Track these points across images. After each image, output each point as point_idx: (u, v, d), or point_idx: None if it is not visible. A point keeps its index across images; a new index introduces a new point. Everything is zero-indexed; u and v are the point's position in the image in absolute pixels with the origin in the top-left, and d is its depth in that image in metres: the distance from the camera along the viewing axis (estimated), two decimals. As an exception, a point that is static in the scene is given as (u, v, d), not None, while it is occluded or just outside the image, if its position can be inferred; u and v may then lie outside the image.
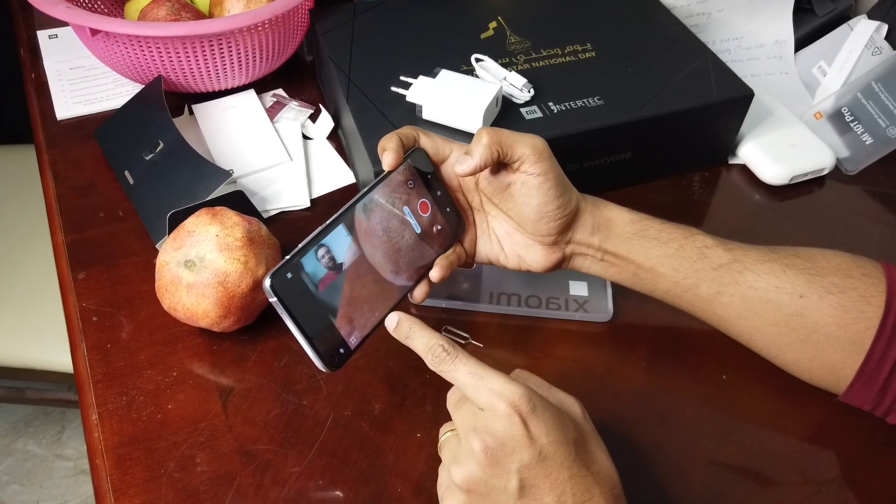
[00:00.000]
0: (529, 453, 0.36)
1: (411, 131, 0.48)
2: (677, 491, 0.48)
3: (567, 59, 0.67)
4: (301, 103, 0.74)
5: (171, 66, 0.67)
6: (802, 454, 0.50)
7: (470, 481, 0.37)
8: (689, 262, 0.49)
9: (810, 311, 0.47)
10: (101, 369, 0.52)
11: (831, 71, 0.77)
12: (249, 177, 0.66)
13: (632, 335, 0.56)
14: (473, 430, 0.37)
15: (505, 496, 0.37)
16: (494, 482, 0.37)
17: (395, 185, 0.46)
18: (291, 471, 0.47)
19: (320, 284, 0.42)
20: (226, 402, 0.51)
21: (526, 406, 0.37)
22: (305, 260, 0.42)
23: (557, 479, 0.36)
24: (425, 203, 0.48)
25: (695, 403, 0.53)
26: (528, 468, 0.36)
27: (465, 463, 0.37)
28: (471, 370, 0.39)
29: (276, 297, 0.40)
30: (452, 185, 0.50)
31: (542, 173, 0.46)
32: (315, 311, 0.42)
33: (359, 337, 0.44)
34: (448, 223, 0.49)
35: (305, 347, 0.41)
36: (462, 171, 0.46)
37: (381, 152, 0.46)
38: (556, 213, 0.47)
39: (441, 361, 0.40)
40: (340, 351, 0.43)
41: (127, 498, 0.46)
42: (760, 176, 0.69)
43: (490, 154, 0.45)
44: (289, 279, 0.41)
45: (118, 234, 0.61)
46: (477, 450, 0.37)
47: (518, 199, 0.48)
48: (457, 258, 0.49)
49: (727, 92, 0.65)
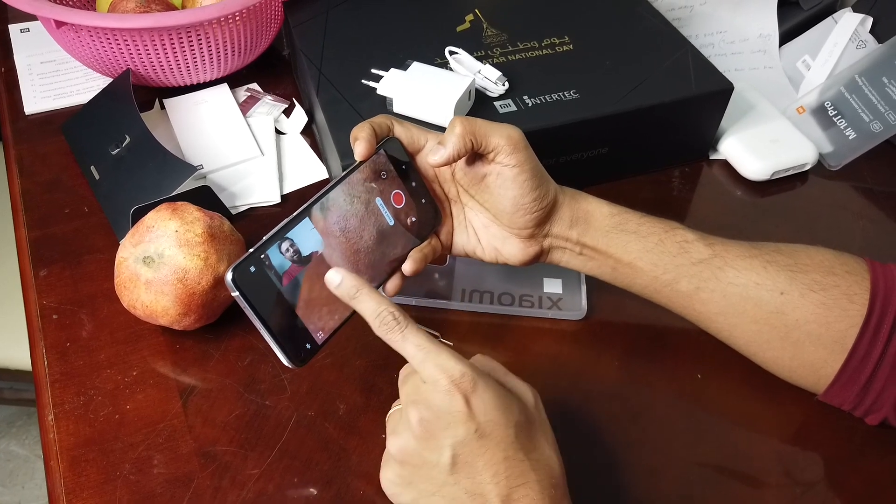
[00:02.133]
0: (465, 429, 0.36)
1: (385, 120, 0.47)
2: (647, 492, 0.47)
3: (544, 52, 0.66)
4: (275, 98, 0.72)
5: (140, 59, 0.66)
6: (779, 455, 0.49)
7: (404, 452, 0.37)
8: (669, 256, 0.48)
9: (791, 309, 0.46)
10: (59, 368, 0.51)
11: (815, 65, 0.76)
12: (219, 172, 0.65)
13: (606, 333, 0.55)
14: (413, 402, 0.37)
15: (437, 470, 0.36)
16: (427, 455, 0.37)
17: (367, 175, 0.45)
18: (251, 473, 0.46)
19: (285, 278, 0.41)
20: (186, 403, 0.49)
21: (468, 383, 0.36)
22: (270, 253, 0.40)
23: (492, 458, 0.36)
24: (399, 194, 0.47)
25: (669, 403, 0.51)
26: (462, 444, 0.36)
27: (401, 434, 0.38)
28: (419, 343, 0.38)
29: (238, 290, 0.39)
30: (428, 175, 0.49)
31: (518, 164, 0.45)
32: (280, 305, 0.40)
33: (326, 332, 0.42)
34: (423, 215, 0.48)
35: (270, 342, 0.40)
36: (434, 161, 0.45)
37: (353, 141, 0.45)
38: (533, 206, 0.46)
39: (389, 330, 0.39)
40: (307, 346, 0.41)
41: (80, 500, 0.44)
42: (741, 171, 0.68)
43: (463, 144, 0.44)
44: (252, 273, 0.40)
45: (82, 230, 0.60)
46: (413, 421, 0.37)
47: (493, 190, 0.47)
48: (431, 251, 0.48)
49: (707, 85, 0.64)
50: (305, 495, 0.45)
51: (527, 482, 0.36)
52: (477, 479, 0.36)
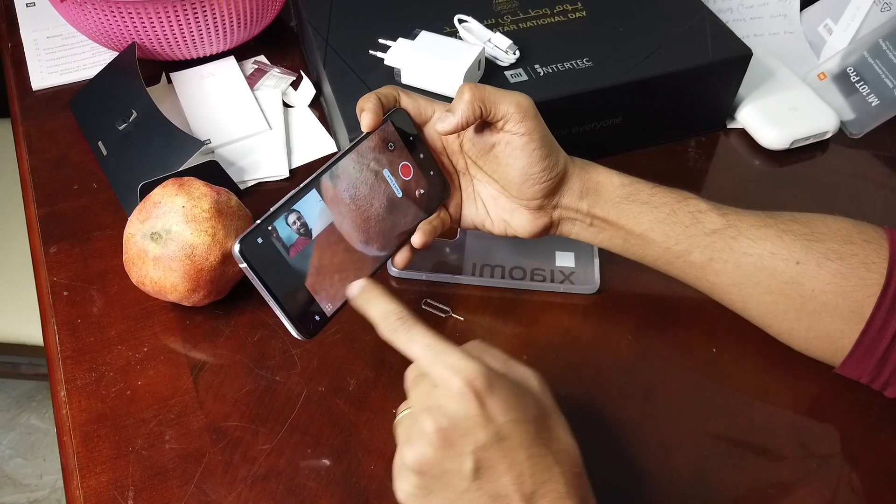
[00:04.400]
0: (486, 433, 0.34)
1: (391, 91, 0.46)
2: (660, 467, 0.46)
3: (556, 20, 0.64)
4: (283, 70, 0.71)
5: (146, 32, 0.65)
6: (794, 429, 0.48)
7: (422, 462, 0.35)
8: (682, 227, 0.47)
9: (807, 279, 0.45)
10: (71, 345, 0.51)
11: (837, 29, 0.74)
12: (227, 146, 0.64)
13: (619, 307, 0.54)
14: (427, 409, 0.35)
15: (459, 478, 0.35)
16: (448, 464, 0.35)
17: (373, 147, 0.45)
18: (262, 448, 0.46)
19: (292, 250, 0.40)
20: (197, 378, 0.49)
21: (482, 384, 0.34)
22: (277, 224, 0.40)
23: (515, 459, 0.34)
24: (407, 166, 0.46)
25: (682, 378, 0.51)
26: (484, 449, 0.34)
27: (417, 444, 0.35)
28: (427, 343, 0.36)
29: (246, 262, 0.38)
30: (436, 147, 0.48)
31: (527, 133, 0.44)
32: (288, 276, 0.40)
33: (336, 304, 0.42)
34: (431, 187, 0.47)
35: (279, 314, 0.40)
36: (442, 128, 0.44)
37: (359, 113, 0.44)
38: (542, 176, 0.45)
39: (395, 331, 0.37)
40: (316, 318, 0.41)
41: (93, 476, 0.45)
42: (760, 140, 0.66)
43: (472, 111, 0.43)
44: (259, 244, 0.39)
45: (91, 206, 0.60)
46: (429, 430, 0.34)
47: (502, 160, 0.46)
48: (441, 223, 0.47)
49: (724, 52, 0.62)
50: (316, 469, 0.45)
51: (552, 477, 0.35)
52: (501, 482, 0.34)
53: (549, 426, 0.37)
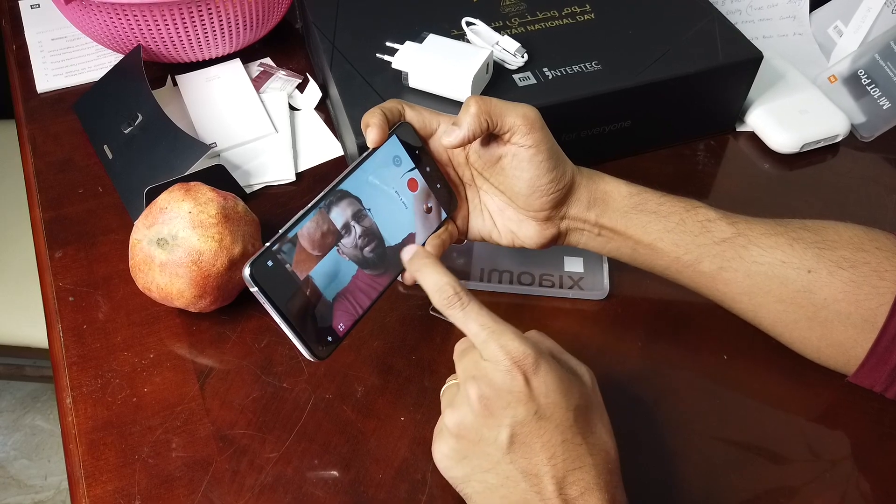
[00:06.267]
0: (525, 409, 0.35)
1: (396, 105, 0.46)
2: (671, 475, 0.46)
3: (564, 22, 0.64)
4: (288, 73, 0.71)
5: (151, 34, 0.64)
6: (806, 436, 0.48)
7: (461, 426, 0.37)
8: (691, 236, 0.46)
9: (819, 287, 0.44)
10: (76, 351, 0.51)
11: (848, 31, 0.73)
12: (233, 150, 0.64)
13: (628, 313, 0.54)
14: (472, 378, 0.37)
15: (494, 447, 0.36)
16: (485, 431, 0.36)
17: (380, 162, 0.44)
18: (269, 456, 0.46)
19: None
20: (203, 385, 0.49)
21: (531, 364, 0.36)
22: (286, 245, 0.40)
23: (550, 440, 0.36)
24: (414, 180, 0.45)
25: (693, 385, 0.50)
26: (521, 424, 0.36)
27: (459, 408, 0.37)
28: (482, 322, 0.38)
29: (257, 286, 0.38)
30: (442, 159, 0.48)
31: (534, 145, 0.44)
32: (299, 299, 0.40)
33: (348, 323, 0.42)
34: (439, 200, 0.47)
35: (291, 337, 0.40)
36: (449, 142, 0.44)
37: (365, 129, 0.44)
38: (549, 188, 0.45)
39: (450, 305, 0.39)
40: (328, 339, 0.41)
41: (99, 484, 0.44)
42: (769, 144, 0.65)
43: (479, 124, 0.43)
44: (269, 267, 0.39)
45: (97, 210, 0.59)
46: (473, 396, 0.36)
47: (509, 172, 0.45)
48: (449, 236, 0.47)
49: (734, 54, 0.61)
50: (324, 478, 0.45)
51: (583, 466, 0.36)
52: (533, 459, 0.36)
53: (589, 419, 0.38)
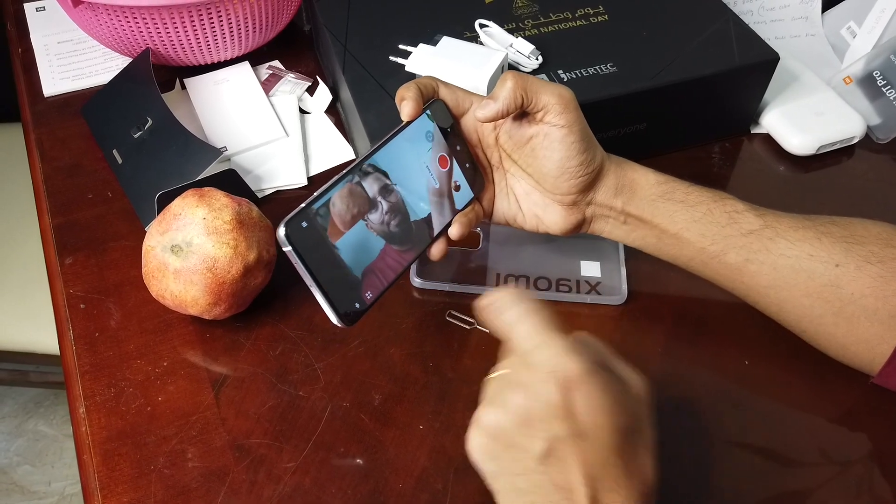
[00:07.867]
0: (561, 427, 0.34)
1: (431, 81, 0.46)
2: (695, 483, 0.45)
3: (578, 24, 0.63)
4: (298, 75, 0.70)
5: (160, 37, 0.63)
6: (832, 444, 0.47)
7: (496, 429, 0.35)
8: (718, 227, 0.46)
9: (846, 282, 0.44)
10: (89, 359, 0.50)
11: (861, 32, 0.72)
12: (243, 154, 0.63)
13: (647, 318, 0.53)
14: (519, 384, 0.35)
15: (527, 456, 0.35)
16: (519, 439, 0.35)
17: (412, 136, 0.45)
18: (286, 466, 0.45)
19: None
20: (218, 394, 0.48)
21: (575, 380, 0.34)
22: (321, 209, 0.40)
23: (588, 461, 0.34)
24: (444, 157, 0.46)
25: (715, 391, 0.50)
26: (557, 440, 0.34)
27: (497, 410, 0.35)
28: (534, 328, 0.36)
29: (291, 245, 0.38)
30: (471, 140, 0.48)
31: (567, 125, 0.44)
32: (330, 262, 0.40)
33: (374, 293, 0.42)
34: (467, 179, 0.47)
35: (320, 299, 0.40)
36: (483, 115, 0.44)
37: (400, 102, 0.45)
38: (579, 170, 0.45)
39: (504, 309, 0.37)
40: (356, 305, 0.41)
41: (115, 496, 0.44)
42: (785, 146, 0.65)
43: (514, 98, 0.44)
44: (304, 228, 0.39)
45: (106, 216, 0.59)
46: (512, 402, 0.35)
47: (539, 152, 0.46)
48: (475, 216, 0.48)
49: (750, 56, 0.60)
50: (343, 489, 0.44)
51: (618, 489, 0.34)
52: (568, 476, 0.34)
53: (634, 442, 0.36)
